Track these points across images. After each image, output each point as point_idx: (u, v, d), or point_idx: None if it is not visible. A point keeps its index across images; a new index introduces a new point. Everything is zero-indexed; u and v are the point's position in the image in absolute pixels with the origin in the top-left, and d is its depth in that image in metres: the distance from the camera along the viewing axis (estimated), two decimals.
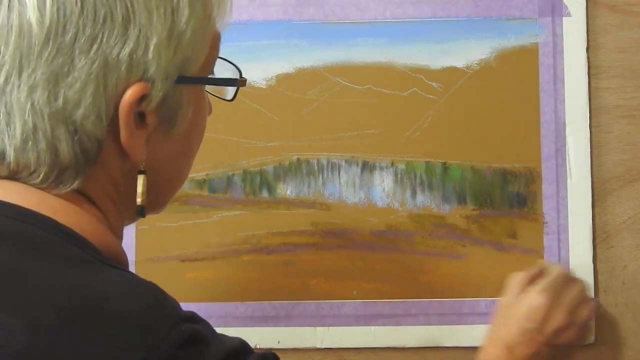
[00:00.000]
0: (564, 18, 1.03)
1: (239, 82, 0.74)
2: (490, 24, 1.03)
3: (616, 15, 1.04)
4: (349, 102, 1.03)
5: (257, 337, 1.00)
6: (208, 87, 0.75)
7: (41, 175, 0.63)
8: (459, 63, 1.03)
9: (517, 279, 0.92)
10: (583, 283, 0.92)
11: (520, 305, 0.88)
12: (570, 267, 1.01)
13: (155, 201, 0.71)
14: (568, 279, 0.91)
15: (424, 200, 1.02)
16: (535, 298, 0.88)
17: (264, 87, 1.03)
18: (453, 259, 1.02)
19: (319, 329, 1.01)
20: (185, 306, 1.04)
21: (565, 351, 0.89)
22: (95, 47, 0.61)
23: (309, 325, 1.02)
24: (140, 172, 0.67)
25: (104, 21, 0.61)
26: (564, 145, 1.02)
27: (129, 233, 1.01)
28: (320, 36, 1.03)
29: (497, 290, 1.01)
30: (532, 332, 0.87)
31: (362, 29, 1.03)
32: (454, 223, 1.02)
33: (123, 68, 0.62)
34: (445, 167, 1.02)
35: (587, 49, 1.03)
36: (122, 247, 0.69)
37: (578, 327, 0.89)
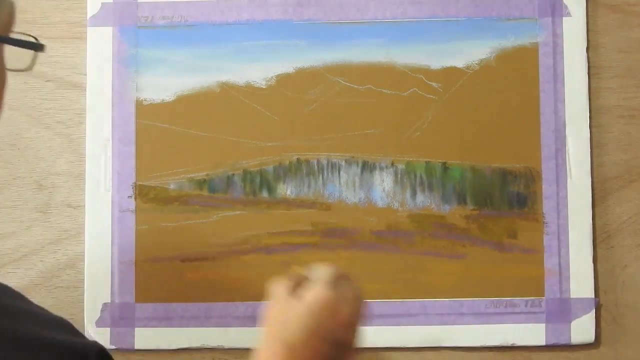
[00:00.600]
0: (564, 18, 1.03)
1: (36, 46, 0.76)
2: (490, 24, 1.03)
3: (616, 15, 1.04)
4: (349, 102, 1.03)
5: (257, 337, 1.00)
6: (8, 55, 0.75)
7: None
8: (459, 63, 1.03)
9: (281, 285, 0.81)
10: (351, 279, 0.82)
11: (300, 303, 0.78)
12: (570, 267, 1.01)
13: None
14: (339, 275, 0.81)
15: (424, 200, 1.02)
16: (321, 294, 0.77)
17: (264, 87, 1.03)
18: (453, 259, 1.02)
19: None
20: (185, 306, 1.04)
21: (348, 350, 0.79)
22: None
23: None
24: None
25: None
26: (564, 145, 1.02)
27: (129, 233, 1.01)
28: (320, 36, 1.03)
29: (497, 290, 1.01)
30: (318, 331, 0.77)
31: (362, 29, 1.03)
32: (454, 223, 1.02)
33: None
34: (445, 167, 1.02)
35: (587, 49, 1.03)
36: None
37: (359, 323, 0.80)
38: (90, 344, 0.72)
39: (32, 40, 0.77)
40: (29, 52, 0.79)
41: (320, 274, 0.80)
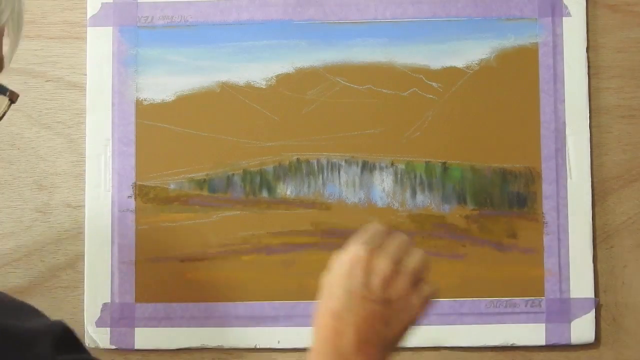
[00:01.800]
0: (564, 18, 1.03)
1: (9, 93, 0.75)
2: (490, 24, 1.03)
3: (616, 15, 1.04)
4: (349, 102, 1.03)
5: (257, 337, 1.01)
6: None
7: None
8: (459, 63, 1.03)
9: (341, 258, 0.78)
10: (405, 236, 0.78)
11: (339, 267, 0.75)
12: (570, 267, 1.01)
13: None
14: (387, 232, 0.78)
15: (424, 200, 1.02)
16: (350, 252, 0.75)
17: (264, 87, 1.03)
18: (453, 259, 1.02)
19: None
20: (186, 306, 1.04)
21: (404, 309, 0.76)
22: None
23: (309, 325, 1.01)
24: None
25: None
26: (564, 145, 1.02)
27: (129, 233, 1.01)
28: (320, 36, 1.03)
29: (497, 290, 1.01)
30: (357, 290, 0.73)
31: (362, 29, 1.03)
32: (454, 223, 1.02)
33: None
34: (445, 167, 1.02)
35: (587, 49, 1.03)
36: None
37: (410, 276, 0.76)
38: (53, 323, 0.70)
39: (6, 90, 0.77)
40: (4, 100, 0.79)
41: (363, 234, 0.77)
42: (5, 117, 0.90)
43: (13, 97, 0.74)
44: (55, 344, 0.67)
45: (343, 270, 0.74)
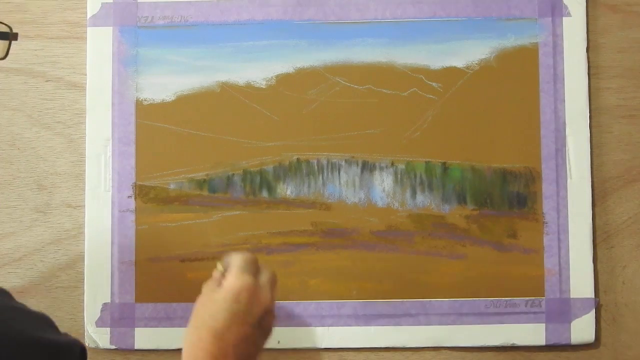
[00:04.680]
0: (564, 18, 1.03)
1: (9, 35, 0.76)
2: (490, 24, 1.03)
3: (616, 15, 1.04)
4: (349, 102, 1.03)
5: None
6: None
7: None
8: (459, 63, 1.03)
9: (206, 282, 0.86)
10: (261, 263, 0.88)
11: (222, 291, 0.82)
12: (570, 267, 1.01)
13: None
14: (250, 260, 0.85)
15: (424, 200, 1.02)
16: (238, 279, 0.82)
17: (264, 87, 1.03)
18: (453, 259, 1.02)
19: (319, 329, 1.02)
20: (186, 306, 1.04)
21: (266, 335, 0.84)
22: None
23: (309, 325, 1.02)
24: None
25: None
26: (564, 145, 1.02)
27: (129, 233, 1.01)
28: (320, 36, 1.03)
29: (497, 290, 1.01)
30: (240, 314, 0.81)
31: (362, 29, 1.03)
32: (454, 223, 1.02)
33: None
34: (445, 167, 1.02)
35: (587, 49, 1.03)
36: None
37: (274, 306, 0.84)
38: (73, 341, 0.75)
39: (6, 30, 0.78)
40: (3, 42, 0.80)
41: (233, 262, 0.84)
42: (4, 117, 0.90)
43: (15, 37, 0.77)
44: None
45: (230, 295, 0.81)
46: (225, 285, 0.82)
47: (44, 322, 0.74)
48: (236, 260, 0.84)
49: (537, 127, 1.02)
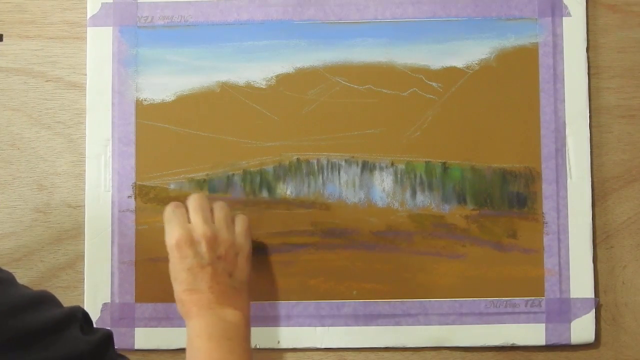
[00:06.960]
0: (564, 18, 1.03)
1: None
2: (490, 24, 1.03)
3: (616, 15, 1.04)
4: (349, 102, 1.03)
5: (257, 337, 1.00)
6: None
7: None
8: (459, 63, 1.03)
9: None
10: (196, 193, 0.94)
11: (171, 256, 0.90)
12: (570, 267, 1.01)
13: None
14: (206, 209, 0.92)
15: (424, 200, 1.02)
16: (171, 237, 0.90)
17: (264, 87, 1.03)
18: (453, 259, 1.02)
19: (319, 329, 1.01)
20: None
21: (237, 252, 0.91)
22: None
23: (309, 325, 1.02)
24: None
25: None
26: (564, 145, 1.02)
27: (129, 233, 1.01)
28: (320, 36, 1.03)
29: (497, 290, 1.01)
30: (193, 264, 0.88)
31: (362, 29, 1.03)
32: (454, 223, 1.02)
33: None
34: (445, 167, 1.02)
35: (587, 49, 1.03)
36: None
37: (224, 226, 0.91)
38: (72, 309, 0.76)
39: None
40: None
41: (169, 213, 0.92)
42: (4, 117, 0.90)
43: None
44: (80, 326, 0.75)
45: (175, 256, 0.88)
46: (168, 249, 0.89)
47: (39, 300, 0.74)
48: (168, 215, 0.91)
49: (537, 127, 1.02)
